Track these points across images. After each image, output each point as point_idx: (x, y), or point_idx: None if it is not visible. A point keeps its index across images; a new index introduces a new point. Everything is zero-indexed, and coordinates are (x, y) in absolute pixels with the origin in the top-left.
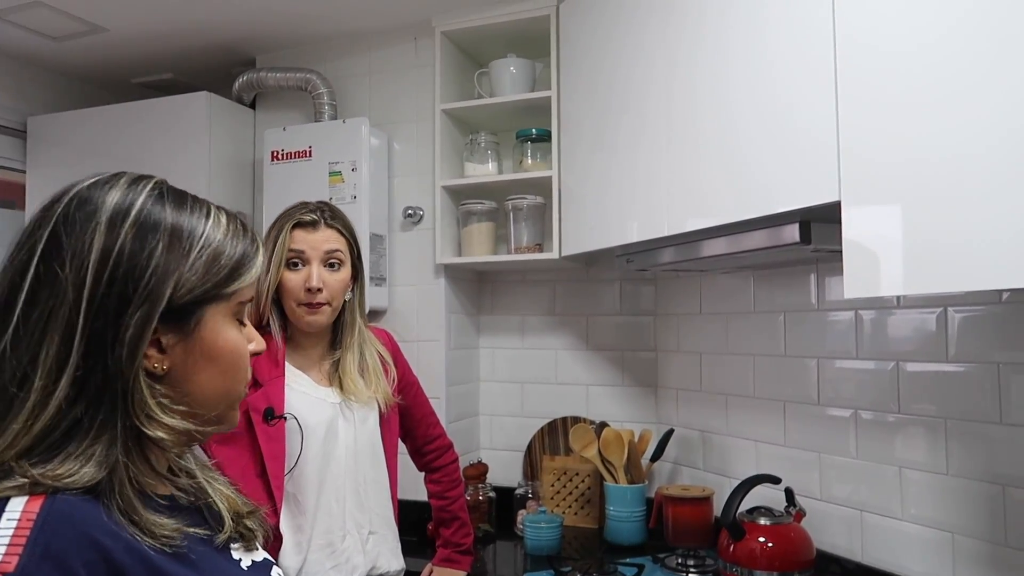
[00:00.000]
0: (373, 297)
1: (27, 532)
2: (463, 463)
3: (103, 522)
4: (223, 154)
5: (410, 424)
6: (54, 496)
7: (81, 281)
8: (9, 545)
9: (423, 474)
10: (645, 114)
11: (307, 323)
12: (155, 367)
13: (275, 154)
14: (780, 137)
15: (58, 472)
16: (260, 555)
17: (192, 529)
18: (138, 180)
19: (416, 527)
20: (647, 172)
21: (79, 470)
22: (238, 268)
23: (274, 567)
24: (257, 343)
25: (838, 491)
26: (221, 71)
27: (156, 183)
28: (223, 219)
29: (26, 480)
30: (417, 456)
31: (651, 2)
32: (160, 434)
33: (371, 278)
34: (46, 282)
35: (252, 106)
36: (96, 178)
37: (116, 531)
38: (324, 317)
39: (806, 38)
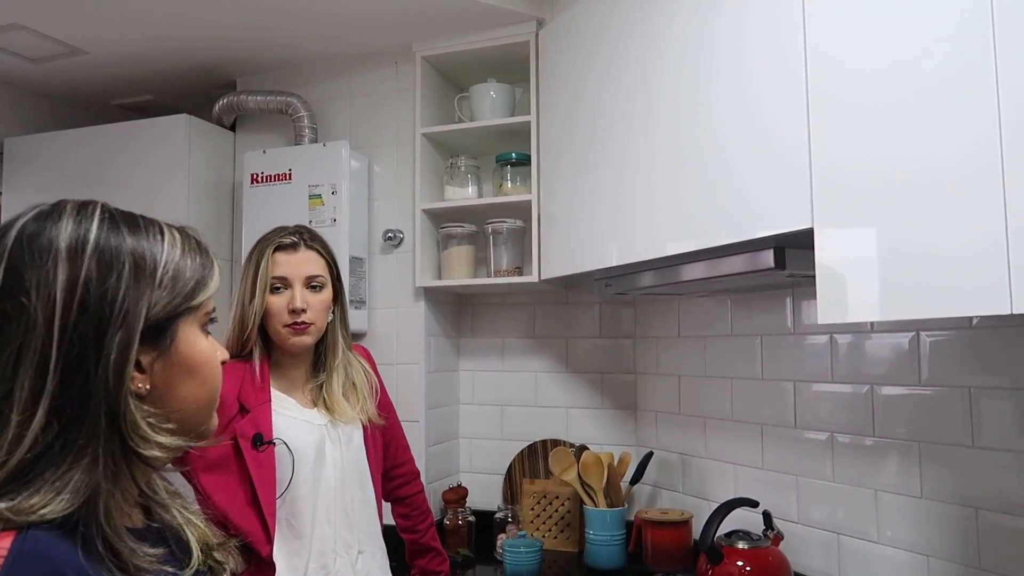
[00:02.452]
0: (353, 320)
1: None
2: (443, 486)
3: (74, 560)
4: (203, 176)
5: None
6: (25, 533)
7: (51, 311)
8: None
9: (390, 504)
10: (624, 140)
11: (292, 344)
12: (139, 387)
13: (255, 177)
14: (758, 163)
15: (31, 503)
16: None
17: (162, 567)
18: (83, 207)
19: (397, 551)
20: (626, 197)
21: (53, 499)
22: (201, 280)
23: None
24: (222, 352)
25: (815, 514)
26: (201, 93)
27: (102, 208)
28: (177, 236)
29: None
30: (385, 480)
31: (631, 29)
32: (155, 452)
33: (351, 301)
34: (13, 316)
35: (232, 128)
36: (37, 210)
37: (87, 570)
38: (309, 337)
39: (781, 68)
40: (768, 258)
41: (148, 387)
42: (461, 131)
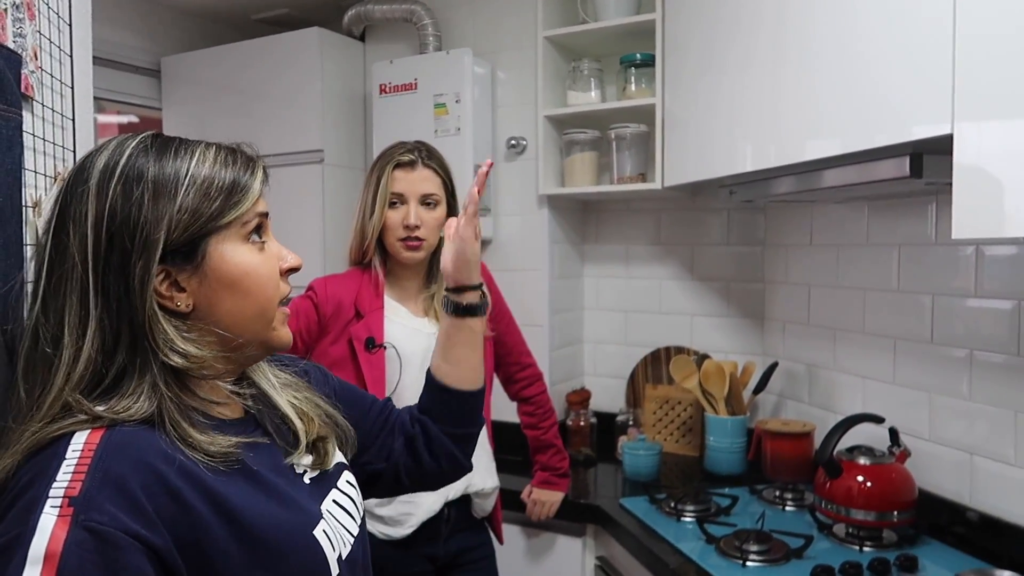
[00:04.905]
0: None
1: (89, 460)
2: (567, 388)
3: (159, 447)
4: (335, 87)
5: (502, 352)
6: (113, 428)
7: (84, 245)
8: (74, 472)
9: (516, 404)
10: (756, 35)
11: (406, 258)
12: (178, 305)
13: (383, 87)
14: (893, 53)
15: (117, 407)
16: (332, 462)
17: (251, 439)
18: (128, 139)
19: (518, 448)
20: (752, 99)
21: (133, 404)
22: (231, 196)
23: (344, 473)
24: (293, 259)
25: (948, 432)
26: (332, 4)
27: (143, 137)
28: (210, 154)
29: (87, 416)
30: (509, 384)
31: None
32: (185, 363)
33: None
34: (57, 253)
35: (362, 39)
36: (97, 146)
37: (171, 454)
38: (422, 253)
39: None
40: (903, 165)
41: (191, 303)
42: (584, 33)
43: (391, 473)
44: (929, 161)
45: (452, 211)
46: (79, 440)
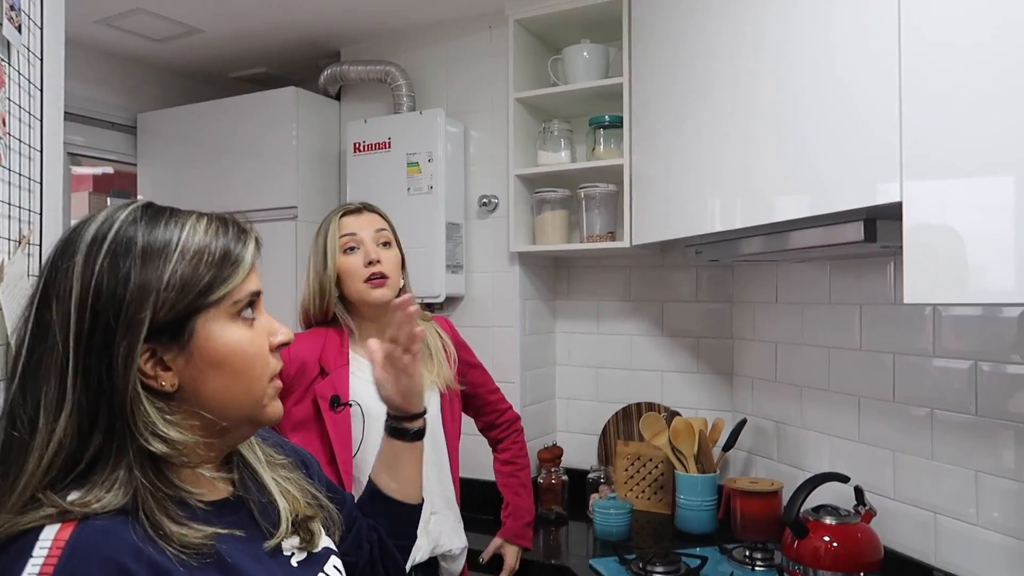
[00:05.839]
0: (450, 284)
1: (56, 560)
2: (538, 445)
3: (130, 542)
4: (310, 145)
5: (479, 403)
6: (84, 522)
7: (66, 324)
8: (39, 574)
9: (493, 448)
10: (711, 103)
11: (375, 298)
12: (162, 385)
13: (357, 146)
14: (841, 122)
15: (87, 500)
16: (321, 545)
17: (229, 531)
18: (119, 209)
19: (489, 506)
20: (716, 160)
21: (105, 495)
22: (222, 268)
23: (332, 558)
24: (284, 334)
25: (912, 491)
26: (310, 64)
27: (134, 207)
28: (201, 225)
29: (55, 509)
30: (489, 430)
31: None
32: (165, 449)
33: (448, 266)
34: (38, 332)
35: (338, 98)
36: (86, 217)
37: (142, 549)
38: (389, 290)
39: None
40: (857, 230)
41: (177, 383)
42: (554, 95)
43: (357, 571)
44: (883, 226)
45: (404, 261)
46: (48, 536)
